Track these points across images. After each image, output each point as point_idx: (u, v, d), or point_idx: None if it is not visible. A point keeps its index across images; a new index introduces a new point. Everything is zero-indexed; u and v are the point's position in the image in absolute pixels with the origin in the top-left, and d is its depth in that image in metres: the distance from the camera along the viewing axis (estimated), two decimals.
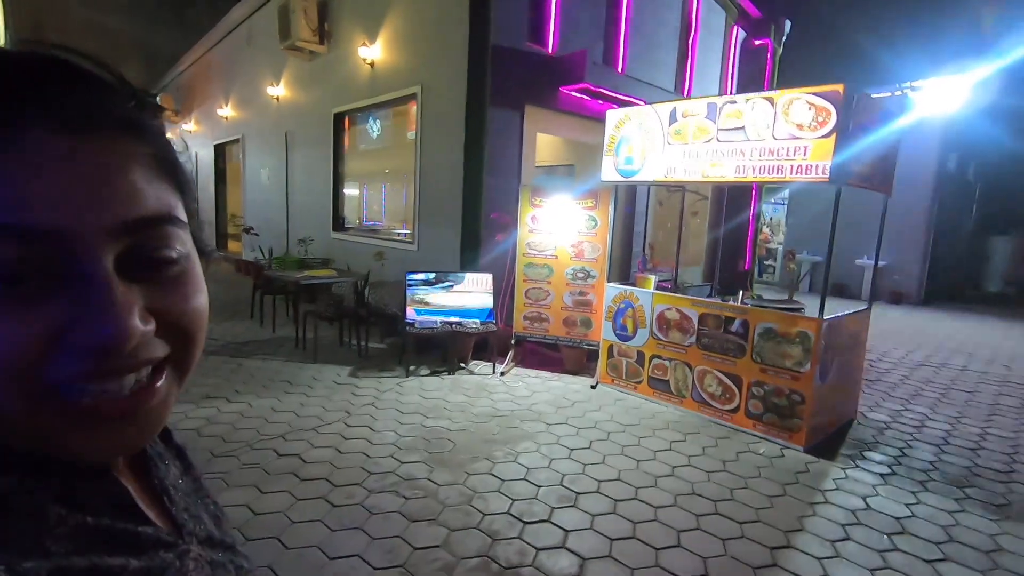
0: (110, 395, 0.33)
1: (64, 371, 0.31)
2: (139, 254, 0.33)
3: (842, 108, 3.32)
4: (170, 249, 0.35)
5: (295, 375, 4.88)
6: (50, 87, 0.31)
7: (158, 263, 0.35)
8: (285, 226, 9.59)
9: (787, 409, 3.80)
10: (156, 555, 0.36)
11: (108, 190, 0.32)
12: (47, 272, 0.30)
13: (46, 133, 0.30)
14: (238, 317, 7.06)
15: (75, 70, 0.33)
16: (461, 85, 5.61)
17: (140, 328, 0.32)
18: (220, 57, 12.55)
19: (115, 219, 0.32)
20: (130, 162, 0.33)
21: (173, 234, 0.35)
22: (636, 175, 4.40)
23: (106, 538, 0.34)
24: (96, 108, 0.33)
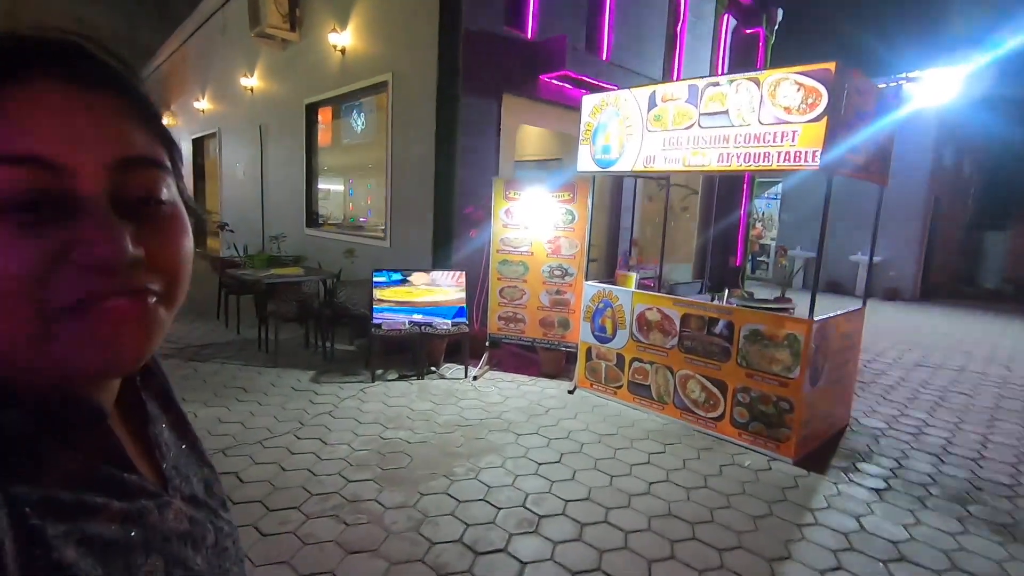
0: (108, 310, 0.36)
1: (68, 287, 0.34)
2: (132, 193, 0.37)
3: (834, 89, 3.02)
4: (158, 190, 0.39)
5: (252, 381, 4.55)
6: (57, 50, 0.36)
7: (148, 203, 0.38)
8: (260, 222, 9.25)
9: (775, 418, 3.51)
10: (138, 501, 0.40)
11: (106, 132, 0.36)
12: (53, 201, 0.34)
13: (55, 82, 0.35)
14: (204, 318, 6.72)
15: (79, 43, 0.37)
16: (432, 72, 5.28)
17: (131, 251, 0.36)
18: (196, 48, 12.15)
19: (111, 156, 0.36)
20: (125, 114, 0.38)
21: (161, 178, 0.40)
22: (614, 165, 4.09)
23: (94, 479, 0.38)
24: (96, 68, 0.37)
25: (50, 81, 0.35)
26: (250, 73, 9.19)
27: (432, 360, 5.05)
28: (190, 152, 12.96)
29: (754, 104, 3.31)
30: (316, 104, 7.41)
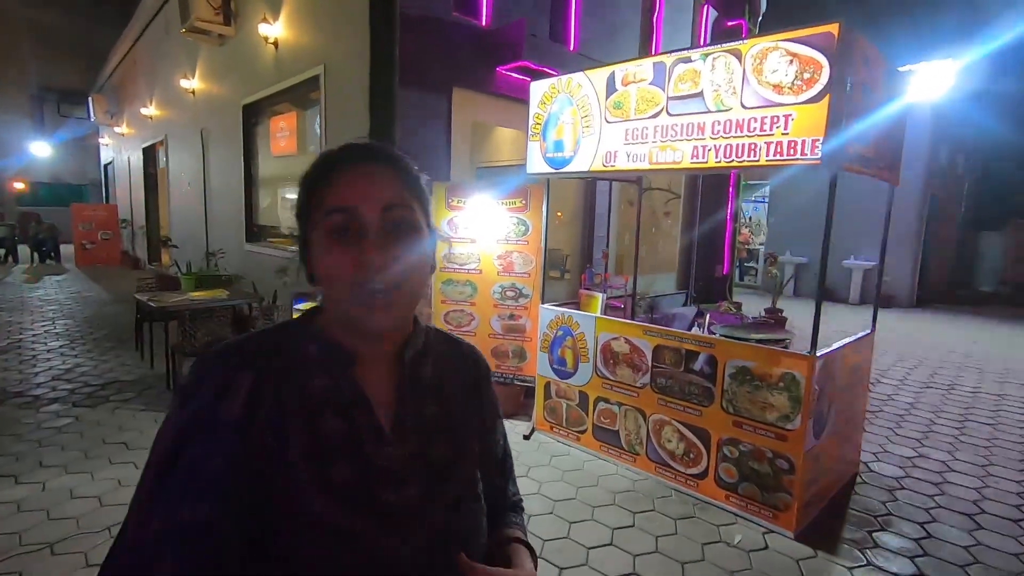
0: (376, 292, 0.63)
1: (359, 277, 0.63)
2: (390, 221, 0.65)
3: (837, 58, 2.31)
4: (404, 221, 0.66)
5: (141, 433, 3.76)
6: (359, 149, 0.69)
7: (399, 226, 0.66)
8: (205, 237, 8.44)
9: (770, 479, 2.78)
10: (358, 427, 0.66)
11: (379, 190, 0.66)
12: (352, 229, 0.64)
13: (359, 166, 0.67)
14: (123, 347, 5.91)
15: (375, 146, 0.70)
16: (364, 63, 4.55)
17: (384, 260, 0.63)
18: (144, 51, 11.37)
19: (379, 201, 0.65)
20: (390, 179, 0.67)
21: (407, 216, 0.67)
22: (568, 164, 3.37)
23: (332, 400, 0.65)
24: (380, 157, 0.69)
25: (357, 164, 0.67)
26: (191, 74, 8.43)
27: None
28: (140, 162, 12.12)
29: (735, 83, 2.60)
30: (252, 105, 6.65)
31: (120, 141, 14.19)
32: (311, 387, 0.64)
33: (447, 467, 0.70)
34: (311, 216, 0.67)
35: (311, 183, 0.68)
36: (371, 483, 0.63)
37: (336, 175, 0.66)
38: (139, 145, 12.12)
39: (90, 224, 13.66)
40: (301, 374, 0.65)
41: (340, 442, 0.63)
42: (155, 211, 12.32)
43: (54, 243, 14.11)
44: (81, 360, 5.42)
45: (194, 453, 0.57)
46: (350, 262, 0.62)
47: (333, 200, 0.64)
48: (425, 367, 0.74)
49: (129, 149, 13.24)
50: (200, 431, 0.59)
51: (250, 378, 0.62)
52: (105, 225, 13.85)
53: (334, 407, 0.64)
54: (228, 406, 0.60)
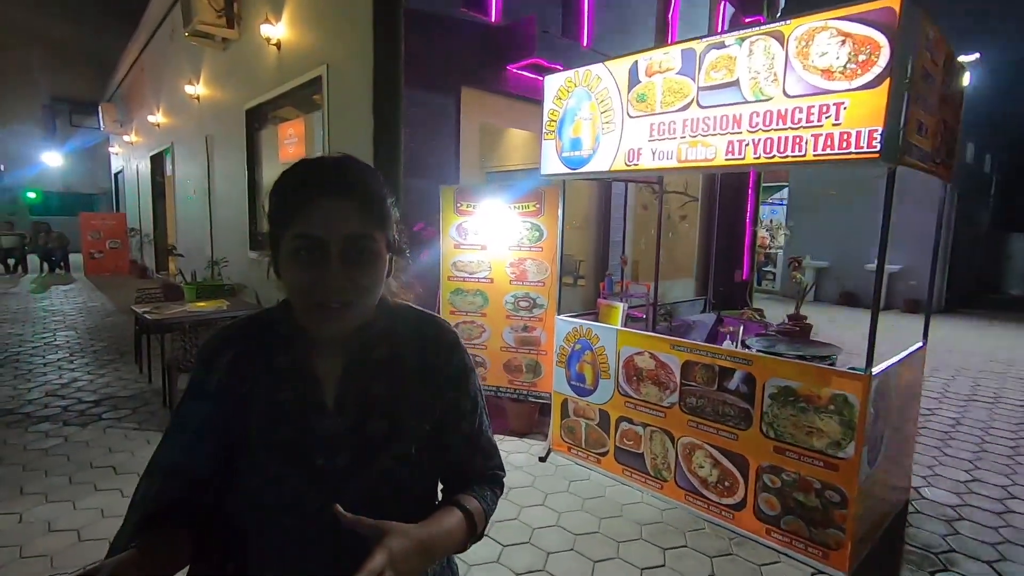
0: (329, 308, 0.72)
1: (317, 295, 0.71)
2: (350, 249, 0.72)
3: (899, 38, 2.02)
4: (363, 250, 0.73)
5: (132, 455, 3.53)
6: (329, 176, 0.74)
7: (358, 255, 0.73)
8: (209, 245, 8.27)
9: (819, 514, 2.48)
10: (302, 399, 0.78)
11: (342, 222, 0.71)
12: (315, 254, 0.70)
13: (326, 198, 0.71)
14: (121, 360, 5.71)
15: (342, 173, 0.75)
16: (367, 62, 4.32)
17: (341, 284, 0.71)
18: (150, 58, 11.30)
19: (341, 233, 0.71)
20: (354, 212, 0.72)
21: (367, 244, 0.73)
22: (586, 164, 3.10)
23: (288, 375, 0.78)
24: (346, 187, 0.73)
25: (324, 197, 0.71)
26: (196, 80, 8.28)
27: None
28: (148, 170, 12.03)
29: (776, 69, 2.32)
30: (255, 109, 6.46)
31: (129, 149, 14.15)
32: (275, 364, 0.78)
33: (381, 441, 0.78)
34: (282, 229, 0.74)
35: (285, 197, 0.75)
36: (307, 448, 0.75)
37: (306, 204, 0.71)
38: (147, 153, 12.04)
39: (99, 233, 13.60)
40: (272, 351, 0.78)
41: (288, 411, 0.76)
42: (163, 219, 12.22)
43: (63, 253, 14.07)
44: (78, 374, 5.22)
45: (184, 411, 0.78)
46: (311, 281, 0.71)
47: (301, 227, 0.71)
48: (379, 348, 0.82)
49: (137, 157, 13.18)
50: (191, 395, 0.78)
51: (230, 355, 0.78)
52: (113, 234, 13.79)
53: (290, 381, 0.77)
54: (210, 378, 0.77)
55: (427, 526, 0.74)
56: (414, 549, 0.68)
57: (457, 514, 0.80)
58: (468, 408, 0.89)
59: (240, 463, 0.76)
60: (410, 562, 0.67)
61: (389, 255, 0.78)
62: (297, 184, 0.73)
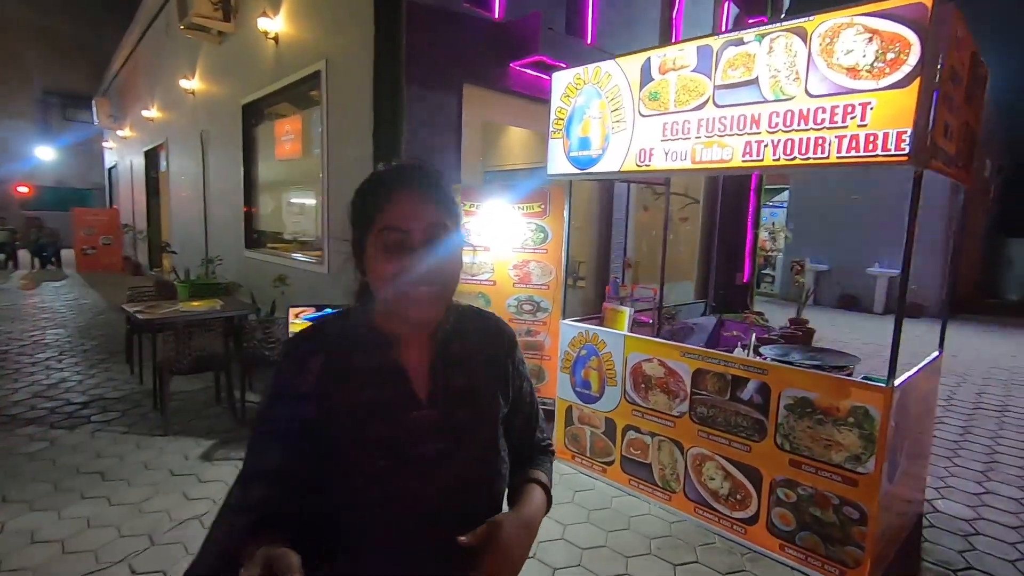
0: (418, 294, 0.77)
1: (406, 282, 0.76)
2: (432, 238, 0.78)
3: (930, 36, 1.93)
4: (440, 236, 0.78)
5: (121, 460, 3.40)
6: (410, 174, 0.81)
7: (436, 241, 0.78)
8: (204, 242, 8.13)
9: (836, 529, 2.38)
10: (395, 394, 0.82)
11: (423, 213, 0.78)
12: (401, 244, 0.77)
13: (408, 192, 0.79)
14: (112, 360, 5.58)
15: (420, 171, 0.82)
16: (368, 57, 4.21)
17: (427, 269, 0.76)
18: (145, 53, 11.13)
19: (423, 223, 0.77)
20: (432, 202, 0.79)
21: (444, 233, 0.79)
22: (596, 164, 3.00)
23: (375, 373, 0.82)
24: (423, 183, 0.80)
25: (405, 192, 0.78)
26: (191, 74, 8.15)
27: None
28: (142, 166, 11.86)
29: (798, 67, 2.22)
30: (252, 104, 6.33)
31: (123, 144, 13.98)
32: (364, 363, 0.81)
33: (468, 429, 0.85)
34: (367, 227, 0.79)
35: (368, 199, 0.81)
36: (404, 440, 0.80)
37: (390, 200, 0.78)
38: (141, 148, 11.87)
39: (91, 229, 13.42)
40: (357, 353, 0.82)
41: (380, 407, 0.80)
42: (157, 215, 12.06)
43: (55, 248, 13.88)
44: (67, 374, 5.08)
45: (276, 415, 0.80)
46: (398, 269, 0.76)
47: (388, 221, 0.77)
48: (455, 344, 0.88)
49: (131, 152, 13.01)
50: (282, 399, 0.81)
51: (319, 359, 0.81)
52: (106, 230, 13.60)
53: (382, 379, 0.81)
54: (301, 381, 0.80)
55: (523, 507, 0.86)
56: (523, 531, 0.80)
57: (537, 489, 0.90)
58: (528, 391, 1.00)
59: (338, 463, 0.78)
60: (523, 541, 0.79)
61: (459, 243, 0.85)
62: (377, 185, 0.81)
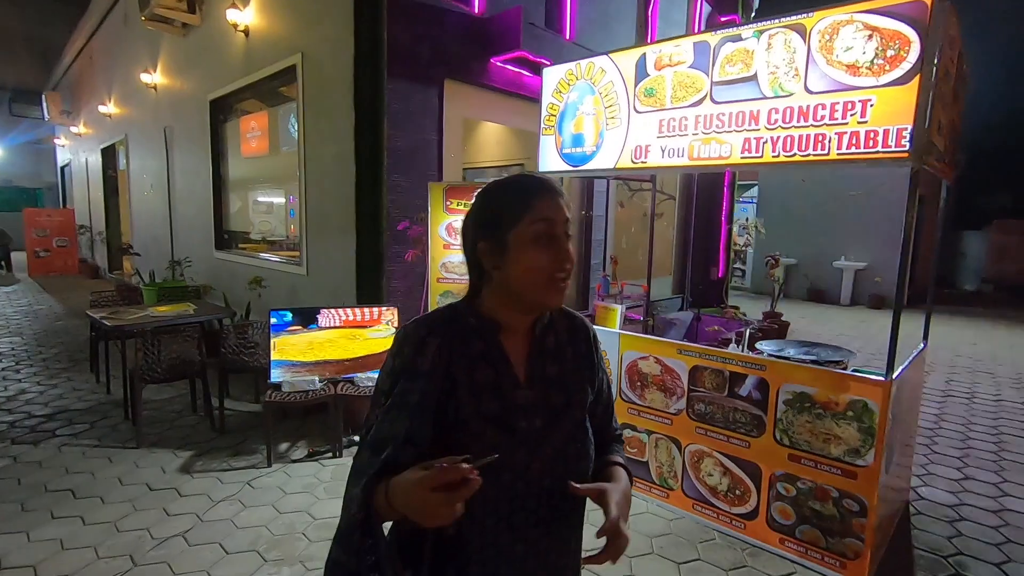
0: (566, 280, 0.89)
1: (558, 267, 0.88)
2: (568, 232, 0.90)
3: (931, 34, 1.95)
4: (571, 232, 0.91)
5: (93, 476, 3.22)
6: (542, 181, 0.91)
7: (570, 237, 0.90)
8: (170, 243, 7.81)
9: (836, 522, 2.41)
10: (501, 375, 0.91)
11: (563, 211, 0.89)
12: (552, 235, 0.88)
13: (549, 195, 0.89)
14: (75, 369, 5.30)
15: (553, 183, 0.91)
16: (348, 51, 4.08)
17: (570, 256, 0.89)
18: (101, 45, 10.62)
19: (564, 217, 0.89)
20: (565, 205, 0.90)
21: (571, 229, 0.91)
22: (590, 161, 2.96)
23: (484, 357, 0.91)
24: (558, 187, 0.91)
25: (550, 193, 0.89)
26: (152, 68, 7.79)
27: (355, 427, 3.80)
28: (99, 164, 11.33)
29: (798, 64, 2.23)
30: (220, 100, 6.09)
31: (77, 142, 13.33)
32: (472, 348, 0.91)
33: (561, 410, 0.94)
34: (513, 224, 0.88)
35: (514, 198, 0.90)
36: (509, 414, 0.90)
37: (537, 200, 0.88)
38: (97, 145, 11.33)
39: (45, 231, 12.78)
40: (466, 339, 0.91)
41: (489, 386, 0.90)
42: (116, 216, 11.54)
43: (5, 251, 13.15)
44: (26, 385, 4.81)
45: (402, 389, 0.87)
46: (551, 257, 0.87)
47: (541, 213, 0.88)
48: (549, 337, 0.98)
49: (87, 150, 12.41)
50: (405, 376, 0.88)
51: (436, 342, 0.89)
52: (61, 231, 12.97)
53: (486, 362, 0.91)
54: (422, 360, 0.88)
55: (619, 481, 0.96)
56: (625, 499, 0.93)
57: (623, 471, 1.01)
58: (607, 383, 1.08)
59: (459, 435, 0.87)
60: (624, 508, 0.91)
61: None
62: (521, 189, 0.90)
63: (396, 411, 0.86)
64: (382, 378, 0.92)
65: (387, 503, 0.77)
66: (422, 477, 0.72)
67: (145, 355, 3.77)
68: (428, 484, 0.70)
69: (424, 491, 0.71)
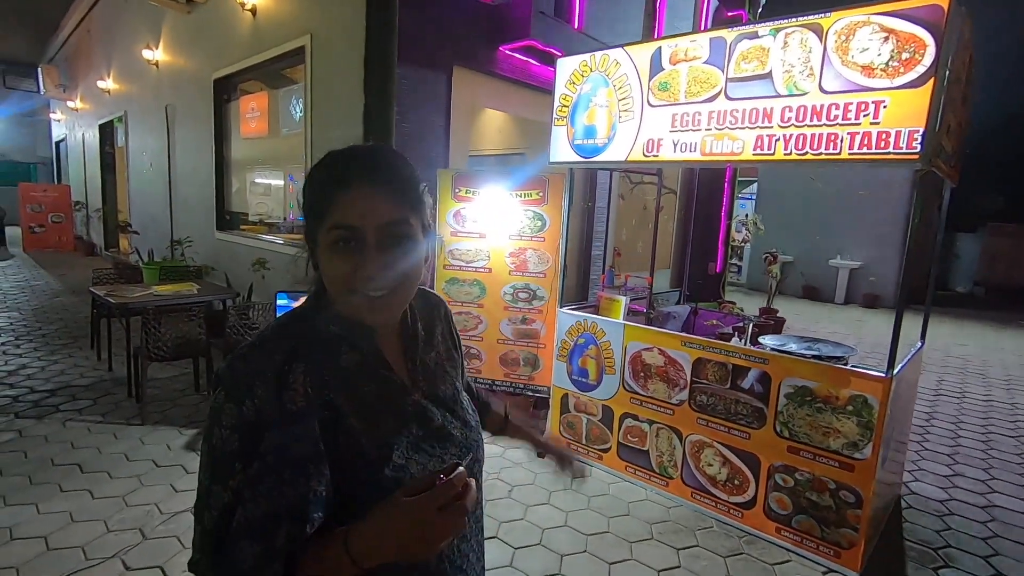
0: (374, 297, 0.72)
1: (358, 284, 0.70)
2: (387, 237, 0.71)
3: (946, 37, 1.98)
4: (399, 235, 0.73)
5: (99, 451, 3.25)
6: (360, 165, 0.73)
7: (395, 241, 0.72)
8: (169, 223, 7.77)
9: (831, 513, 2.48)
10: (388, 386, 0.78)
11: (380, 210, 0.71)
12: (353, 243, 0.70)
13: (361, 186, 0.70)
14: (75, 345, 5.30)
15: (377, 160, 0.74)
16: (359, 33, 4.06)
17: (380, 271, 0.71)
18: (100, 18, 10.46)
19: (376, 222, 0.70)
20: (388, 199, 0.72)
21: (403, 230, 0.73)
22: (601, 153, 2.99)
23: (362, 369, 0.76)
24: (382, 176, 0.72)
25: (359, 183, 0.71)
26: (154, 44, 7.70)
27: None
28: (96, 140, 11.21)
29: (813, 63, 2.26)
30: (225, 79, 6.04)
31: (74, 117, 13.17)
32: (345, 362, 0.75)
33: (452, 400, 0.87)
34: (317, 222, 0.73)
35: (319, 190, 0.73)
36: (407, 427, 0.78)
37: (340, 193, 0.71)
38: (95, 121, 11.20)
39: (39, 206, 12.66)
40: (333, 353, 0.75)
41: (377, 400, 0.76)
42: (113, 193, 11.44)
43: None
44: (27, 360, 4.81)
45: (276, 444, 0.65)
46: (350, 270, 0.71)
47: (338, 217, 0.70)
48: (418, 325, 0.87)
49: (84, 125, 12.27)
50: (273, 424, 0.66)
51: (301, 367, 0.71)
52: (56, 207, 12.86)
53: (366, 375, 0.76)
54: (291, 396, 0.68)
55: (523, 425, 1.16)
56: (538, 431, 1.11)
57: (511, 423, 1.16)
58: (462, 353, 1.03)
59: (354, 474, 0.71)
60: None
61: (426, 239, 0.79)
62: (328, 176, 0.73)
63: (277, 474, 0.64)
64: (222, 437, 0.65)
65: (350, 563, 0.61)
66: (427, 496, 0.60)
67: (148, 334, 3.79)
68: (437, 502, 0.59)
69: (431, 513, 0.59)
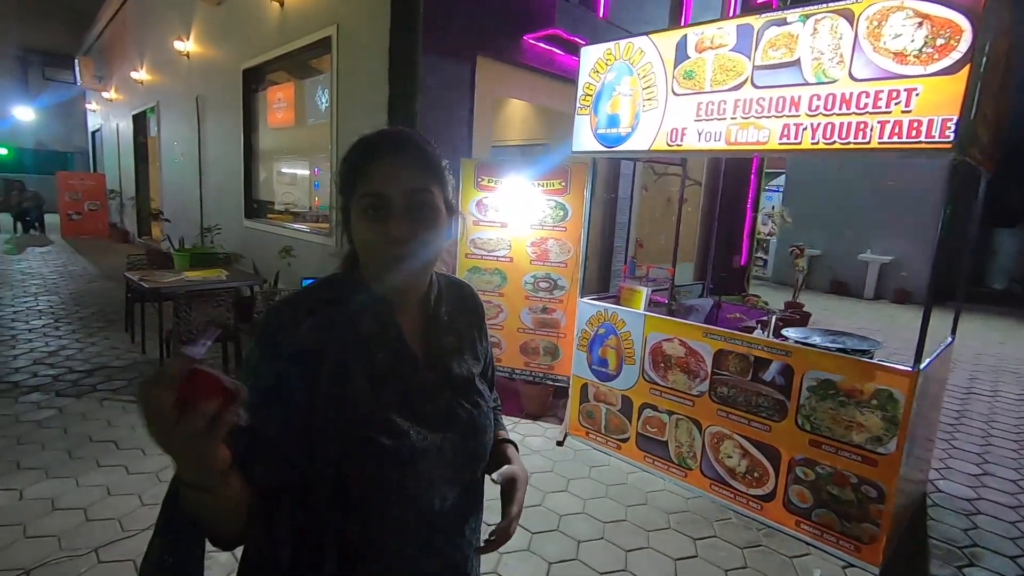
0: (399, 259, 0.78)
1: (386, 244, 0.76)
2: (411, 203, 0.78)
3: (984, 22, 1.92)
4: (423, 203, 0.79)
5: (133, 430, 3.37)
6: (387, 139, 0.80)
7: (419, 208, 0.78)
8: (199, 211, 7.97)
9: (853, 507, 2.46)
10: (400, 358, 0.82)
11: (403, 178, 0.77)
12: (382, 209, 0.77)
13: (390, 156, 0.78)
14: (111, 328, 5.49)
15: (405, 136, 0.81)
16: (383, 24, 4.09)
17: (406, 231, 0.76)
18: (134, 11, 10.71)
19: (402, 188, 0.77)
20: (413, 169, 0.79)
21: (426, 198, 0.79)
22: (624, 142, 2.97)
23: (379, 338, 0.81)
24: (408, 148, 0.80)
25: (387, 156, 0.78)
26: (185, 36, 7.87)
27: None
28: (130, 130, 11.51)
29: (843, 50, 2.21)
30: (253, 69, 6.15)
31: (109, 107, 13.52)
32: (363, 329, 0.80)
33: (466, 383, 0.89)
34: (351, 193, 0.80)
35: (351, 165, 0.80)
36: (412, 400, 0.81)
37: (370, 164, 0.78)
38: (129, 112, 11.50)
39: (77, 194, 13.07)
40: (355, 318, 0.80)
41: (388, 370, 0.80)
42: (145, 182, 11.75)
43: (38, 212, 13.49)
44: (66, 342, 5.00)
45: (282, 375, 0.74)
46: (377, 234, 0.77)
47: (368, 186, 0.77)
48: (441, 308, 0.90)
49: (118, 116, 12.60)
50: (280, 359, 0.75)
51: (315, 321, 0.77)
52: (93, 195, 13.26)
53: (382, 344, 0.81)
54: (286, 339, 0.76)
55: (515, 462, 0.97)
56: (524, 485, 0.94)
57: (514, 449, 1.02)
58: (492, 353, 1.04)
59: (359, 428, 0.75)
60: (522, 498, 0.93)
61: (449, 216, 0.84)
62: (360, 151, 0.80)
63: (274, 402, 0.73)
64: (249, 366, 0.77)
65: None
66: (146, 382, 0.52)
67: (180, 316, 3.91)
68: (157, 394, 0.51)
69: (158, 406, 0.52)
